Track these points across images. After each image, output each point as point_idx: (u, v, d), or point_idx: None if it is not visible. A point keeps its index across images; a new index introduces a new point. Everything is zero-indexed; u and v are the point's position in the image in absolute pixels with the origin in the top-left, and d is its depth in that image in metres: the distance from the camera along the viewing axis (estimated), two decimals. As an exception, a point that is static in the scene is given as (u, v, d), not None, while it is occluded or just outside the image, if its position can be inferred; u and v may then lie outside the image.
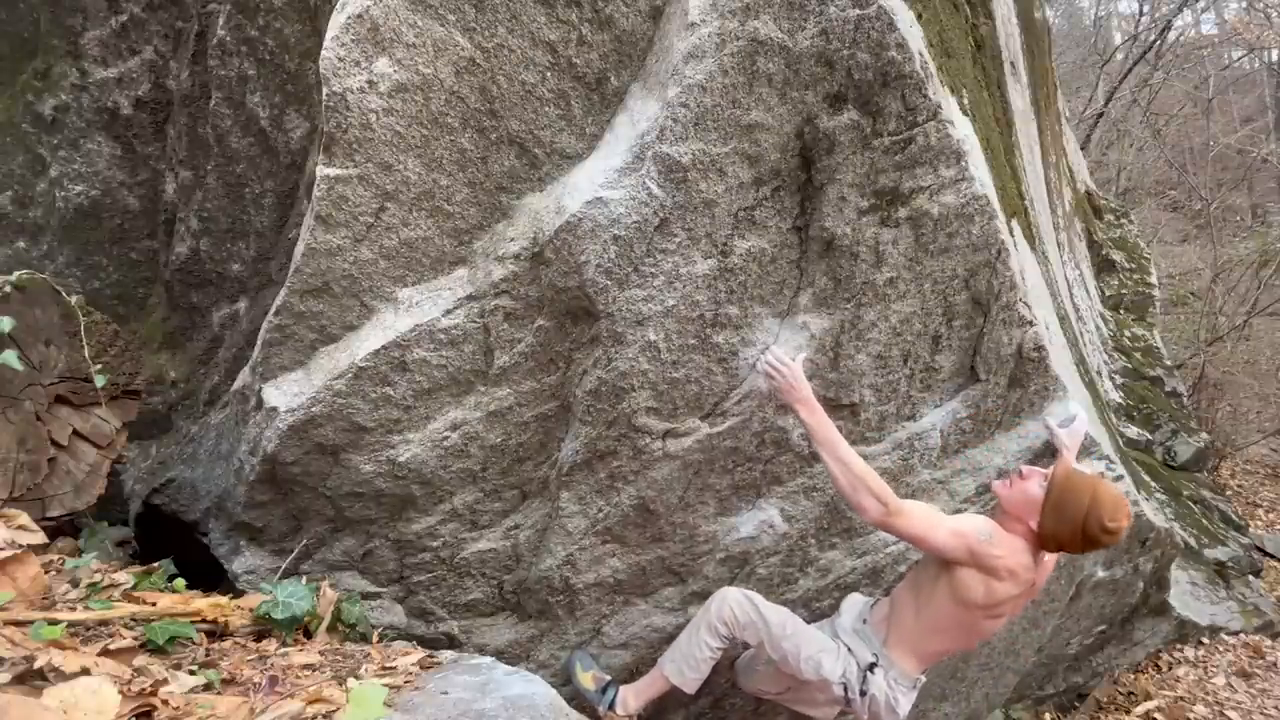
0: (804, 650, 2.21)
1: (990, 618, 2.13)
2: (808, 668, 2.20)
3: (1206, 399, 8.13)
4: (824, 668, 2.19)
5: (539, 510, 2.33)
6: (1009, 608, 2.13)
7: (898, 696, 2.18)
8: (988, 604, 2.07)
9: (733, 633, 2.28)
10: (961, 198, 2.06)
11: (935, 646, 2.20)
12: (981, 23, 2.88)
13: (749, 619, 2.26)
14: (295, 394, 1.97)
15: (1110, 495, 1.99)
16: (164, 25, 2.43)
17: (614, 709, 2.38)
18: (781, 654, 2.23)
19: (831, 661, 2.21)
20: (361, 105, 1.70)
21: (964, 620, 2.12)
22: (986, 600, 2.06)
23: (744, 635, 2.27)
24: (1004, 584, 2.05)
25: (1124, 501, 2.00)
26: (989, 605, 2.07)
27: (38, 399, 1.98)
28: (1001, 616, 2.16)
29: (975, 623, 2.13)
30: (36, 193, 2.50)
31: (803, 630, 2.27)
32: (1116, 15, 17.20)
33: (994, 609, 2.10)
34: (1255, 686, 4.50)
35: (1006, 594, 2.07)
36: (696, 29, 1.70)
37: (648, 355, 2.03)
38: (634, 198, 1.82)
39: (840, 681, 2.19)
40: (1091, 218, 6.96)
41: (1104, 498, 1.98)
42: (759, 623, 2.25)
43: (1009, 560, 2.04)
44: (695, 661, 2.30)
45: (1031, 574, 2.09)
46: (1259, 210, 14.03)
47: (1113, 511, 1.96)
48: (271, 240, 2.45)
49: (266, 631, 1.63)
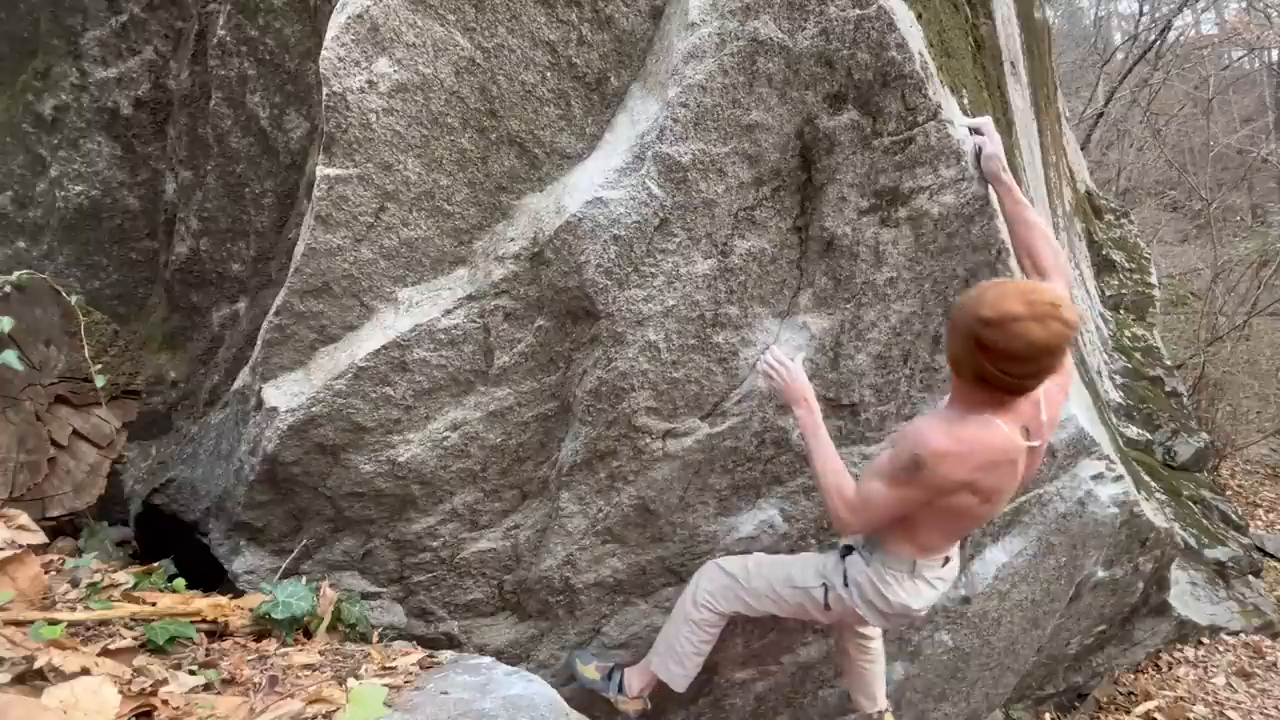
0: (775, 579, 2.09)
1: (987, 503, 1.80)
2: (787, 592, 2.08)
3: (1206, 399, 8.13)
4: (796, 579, 2.08)
5: (539, 510, 2.33)
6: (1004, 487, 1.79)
7: (886, 579, 1.95)
8: (974, 501, 1.77)
9: (716, 609, 2.17)
10: (962, 198, 2.06)
11: (927, 539, 1.92)
12: (981, 23, 2.88)
13: (722, 584, 2.17)
14: (295, 394, 1.97)
15: (1000, 295, 1.55)
16: (164, 25, 2.43)
17: (622, 692, 2.36)
18: (763, 599, 2.12)
19: (801, 569, 2.09)
20: (361, 105, 1.70)
21: (954, 511, 1.81)
22: (971, 502, 1.77)
23: (728, 607, 2.17)
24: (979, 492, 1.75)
25: (1021, 288, 1.56)
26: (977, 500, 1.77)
27: (38, 399, 1.98)
28: (1003, 492, 1.80)
29: (969, 510, 1.81)
30: (36, 193, 2.50)
31: (767, 561, 2.19)
32: (1116, 15, 17.21)
33: (986, 499, 1.78)
34: (1255, 686, 4.50)
35: (996, 485, 1.76)
36: (696, 29, 1.70)
37: (648, 355, 2.03)
38: (634, 198, 1.82)
39: (820, 584, 2.04)
40: (1091, 218, 6.96)
41: (987, 289, 1.59)
42: (732, 585, 2.16)
43: (961, 469, 1.70)
44: (679, 656, 2.23)
45: (1008, 446, 1.70)
46: (1259, 210, 14.02)
47: (995, 300, 1.53)
48: (271, 240, 2.45)
49: (266, 631, 1.63)
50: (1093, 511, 2.87)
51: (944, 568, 2.02)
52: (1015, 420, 1.71)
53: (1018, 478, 1.79)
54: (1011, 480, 1.78)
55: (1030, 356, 1.53)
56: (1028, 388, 1.63)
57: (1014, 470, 1.76)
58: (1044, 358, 1.54)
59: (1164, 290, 8.06)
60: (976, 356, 1.59)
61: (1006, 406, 1.69)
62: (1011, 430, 1.70)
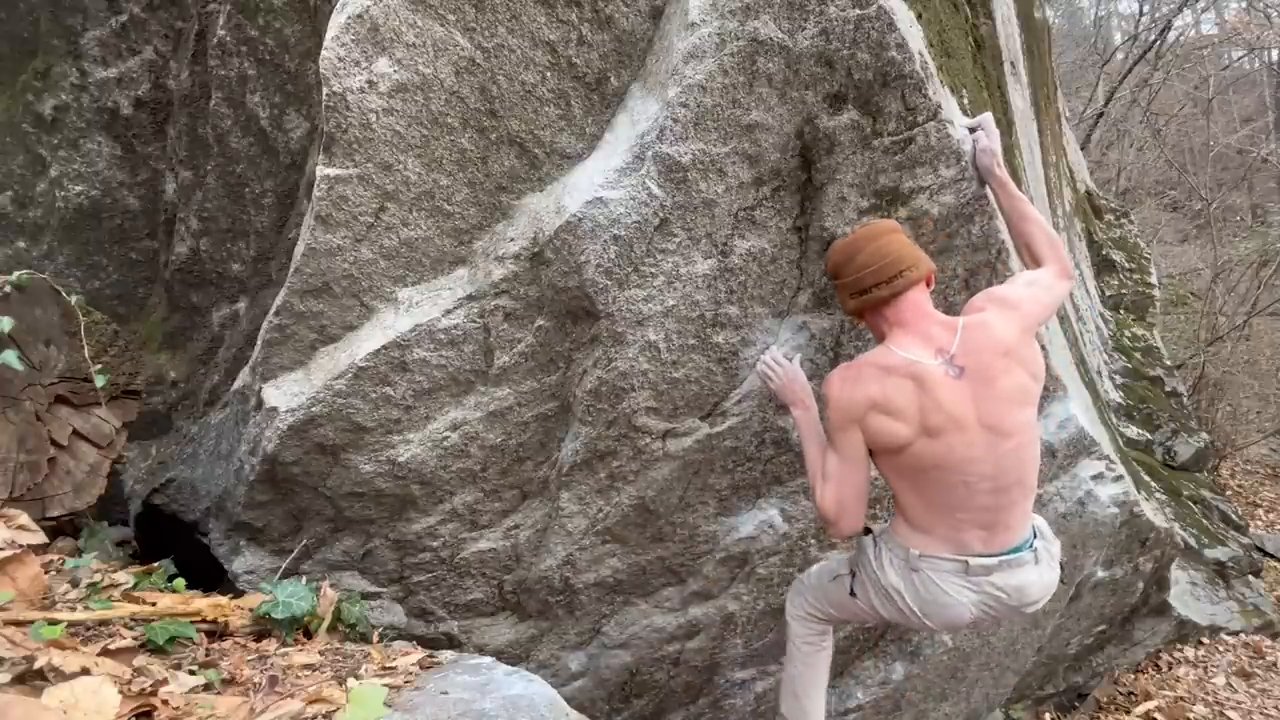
0: (825, 572, 2.14)
1: (930, 436, 1.71)
2: (830, 585, 2.09)
3: (1206, 399, 8.13)
4: (833, 569, 2.11)
5: (539, 510, 2.33)
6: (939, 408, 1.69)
7: (883, 560, 1.89)
8: (912, 432, 1.71)
9: (796, 616, 2.16)
10: (961, 198, 2.06)
11: (913, 514, 1.83)
12: (981, 23, 2.88)
13: (792, 593, 2.21)
14: (295, 394, 1.97)
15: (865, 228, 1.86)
16: (164, 25, 2.43)
17: None
18: (819, 595, 2.12)
19: (839, 559, 2.14)
20: (361, 105, 1.70)
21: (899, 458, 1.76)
22: (903, 433, 1.71)
23: (801, 610, 2.16)
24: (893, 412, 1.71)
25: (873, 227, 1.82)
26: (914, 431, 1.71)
27: (38, 399, 1.98)
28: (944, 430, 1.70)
29: (910, 449, 1.73)
30: (36, 193, 2.50)
31: (819, 567, 2.23)
32: (1116, 15, 17.22)
33: (926, 428, 1.71)
34: (1255, 686, 4.51)
35: (909, 404, 1.70)
36: (696, 29, 1.70)
37: (648, 355, 2.03)
38: (634, 198, 1.82)
39: (848, 571, 2.03)
40: (1091, 218, 6.96)
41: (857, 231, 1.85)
42: (798, 587, 2.20)
43: (856, 390, 1.73)
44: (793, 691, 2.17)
45: (898, 363, 1.72)
46: (1259, 210, 14.03)
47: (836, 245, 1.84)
48: (271, 240, 2.45)
49: (266, 631, 1.63)
50: (1093, 511, 2.87)
51: (968, 574, 1.79)
52: (919, 344, 1.75)
53: (939, 398, 1.69)
54: (928, 399, 1.69)
55: (858, 252, 1.78)
56: (883, 293, 1.76)
57: (924, 387, 1.69)
58: (868, 246, 1.77)
59: (1164, 290, 8.06)
60: (841, 290, 1.82)
61: (903, 330, 1.77)
62: (909, 351, 1.74)
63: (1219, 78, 13.09)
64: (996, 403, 1.71)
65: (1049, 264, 1.96)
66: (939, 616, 1.86)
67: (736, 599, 2.67)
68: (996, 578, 1.80)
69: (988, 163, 2.01)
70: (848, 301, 1.86)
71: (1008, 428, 1.72)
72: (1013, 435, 1.73)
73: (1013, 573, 1.81)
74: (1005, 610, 1.87)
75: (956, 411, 1.69)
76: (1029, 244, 2.01)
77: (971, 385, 1.70)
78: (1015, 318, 1.79)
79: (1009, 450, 1.73)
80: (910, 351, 1.73)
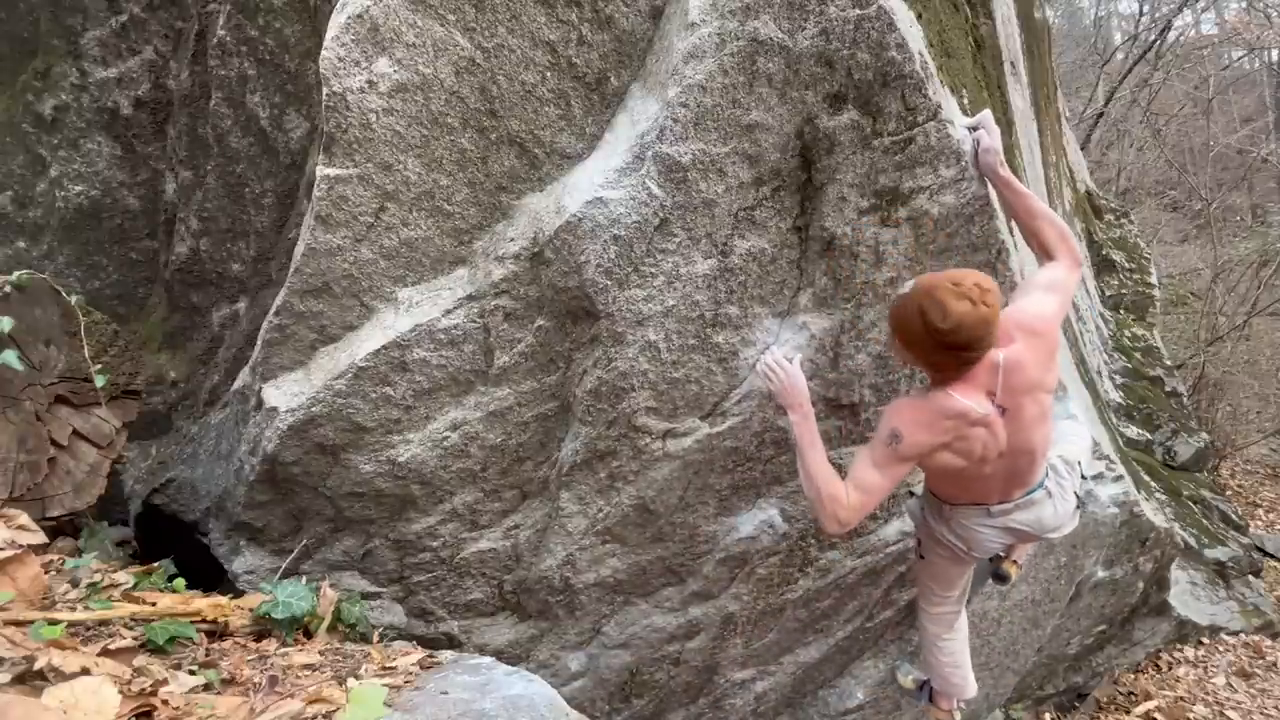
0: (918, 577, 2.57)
1: (975, 461, 1.94)
2: (918, 566, 2.49)
3: (1206, 399, 8.13)
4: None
5: (539, 510, 2.33)
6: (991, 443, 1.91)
7: (927, 516, 2.29)
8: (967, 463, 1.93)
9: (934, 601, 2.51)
10: (962, 198, 2.06)
11: (943, 489, 2.17)
12: (981, 23, 2.88)
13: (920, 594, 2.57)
14: (295, 394, 1.97)
15: (932, 285, 1.74)
16: (164, 25, 2.43)
17: (932, 702, 2.74)
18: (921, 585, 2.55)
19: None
20: (361, 105, 1.70)
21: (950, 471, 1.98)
22: (959, 462, 1.92)
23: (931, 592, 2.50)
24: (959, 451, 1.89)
25: (958, 281, 1.73)
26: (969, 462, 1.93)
27: (38, 399, 1.98)
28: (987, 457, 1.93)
29: (965, 470, 1.96)
30: (36, 193, 2.50)
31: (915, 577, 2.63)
32: (1116, 15, 17.22)
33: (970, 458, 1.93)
34: (1255, 686, 4.51)
35: (974, 446, 1.90)
36: (696, 29, 1.70)
37: (648, 355, 2.03)
38: (634, 198, 1.82)
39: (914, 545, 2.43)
40: (1091, 218, 6.96)
41: (928, 293, 1.74)
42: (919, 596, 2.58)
43: (927, 435, 1.86)
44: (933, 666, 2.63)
45: (964, 409, 1.84)
46: (1259, 210, 14.03)
47: (941, 309, 1.70)
48: (271, 240, 2.45)
49: (266, 631, 1.63)
50: (1093, 511, 2.87)
51: (990, 516, 2.11)
52: (974, 390, 1.87)
53: (996, 435, 1.91)
54: (987, 437, 1.90)
55: (963, 331, 1.74)
56: (972, 360, 1.82)
57: (983, 430, 1.89)
58: (978, 329, 1.74)
59: (1164, 290, 8.07)
60: (925, 342, 1.79)
61: (963, 379, 1.87)
62: (968, 397, 1.86)
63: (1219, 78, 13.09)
64: (1025, 431, 1.94)
65: (1061, 256, 2.03)
66: (979, 548, 2.21)
67: (736, 599, 2.67)
68: (1016, 515, 2.11)
69: (991, 162, 2.02)
70: (928, 350, 1.80)
71: (1029, 445, 1.98)
72: (1032, 446, 1.99)
73: (1029, 509, 2.11)
74: (1031, 536, 2.23)
75: (998, 443, 1.93)
76: (1039, 238, 2.05)
77: (1010, 421, 1.91)
78: (1042, 347, 1.92)
79: (1025, 451, 1.98)
80: (969, 398, 1.86)
